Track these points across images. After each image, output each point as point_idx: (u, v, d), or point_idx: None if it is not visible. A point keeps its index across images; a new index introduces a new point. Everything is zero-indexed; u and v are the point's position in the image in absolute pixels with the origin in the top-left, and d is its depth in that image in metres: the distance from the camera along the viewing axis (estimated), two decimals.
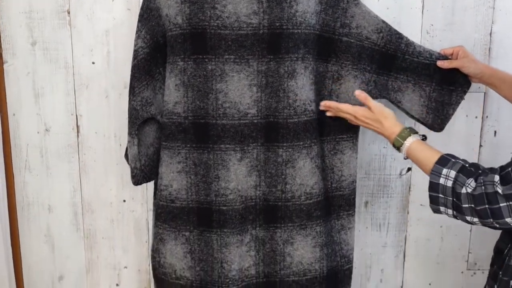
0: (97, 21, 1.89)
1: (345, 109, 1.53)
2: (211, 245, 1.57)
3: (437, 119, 1.64)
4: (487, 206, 1.18)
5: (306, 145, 1.56)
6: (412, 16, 1.88)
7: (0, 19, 1.88)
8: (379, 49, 1.59)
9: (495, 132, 1.97)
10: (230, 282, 1.57)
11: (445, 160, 1.30)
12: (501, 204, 1.16)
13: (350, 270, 1.69)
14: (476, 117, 1.95)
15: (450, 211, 1.27)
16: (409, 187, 2.03)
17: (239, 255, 1.58)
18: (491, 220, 1.19)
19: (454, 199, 1.24)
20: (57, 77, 1.94)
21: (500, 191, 1.15)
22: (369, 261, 2.09)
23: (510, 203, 1.16)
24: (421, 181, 2.01)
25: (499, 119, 1.95)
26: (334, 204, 1.66)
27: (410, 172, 2.01)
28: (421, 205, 2.03)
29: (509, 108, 1.87)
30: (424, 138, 1.42)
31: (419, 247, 2.08)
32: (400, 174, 2.02)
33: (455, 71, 1.60)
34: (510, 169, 1.16)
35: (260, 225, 1.60)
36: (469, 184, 1.21)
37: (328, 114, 1.57)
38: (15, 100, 1.96)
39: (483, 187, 1.18)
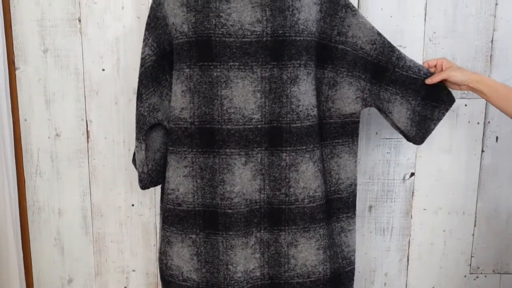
0: (107, 29, 1.92)
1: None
2: (217, 247, 1.57)
3: (419, 132, 1.63)
4: None
5: (308, 149, 1.56)
6: (415, 24, 1.90)
7: (13, 26, 1.91)
8: (371, 60, 1.59)
9: (497, 137, 1.98)
10: (235, 284, 1.58)
11: None
12: None
13: (352, 272, 1.69)
14: (478, 123, 1.96)
15: None
16: (412, 192, 2.03)
17: (244, 257, 1.58)
18: None
19: None
20: (68, 83, 1.96)
21: None
22: (373, 265, 2.10)
23: None
24: (424, 186, 2.03)
25: (500, 125, 1.96)
26: (334, 207, 1.66)
27: (413, 177, 2.02)
28: (424, 209, 2.04)
29: None
30: None
31: (423, 251, 2.09)
32: (404, 179, 2.03)
33: (441, 88, 1.59)
34: None
35: (265, 228, 1.60)
36: None
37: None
38: (26, 106, 1.98)
39: None
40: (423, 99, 1.61)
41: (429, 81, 1.58)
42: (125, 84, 1.96)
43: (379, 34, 1.60)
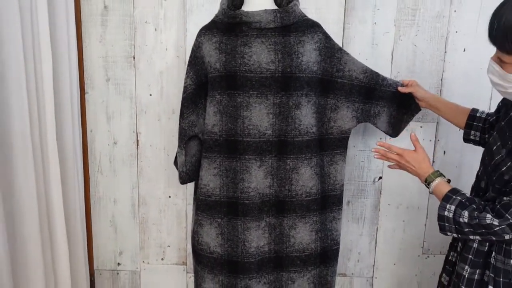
0: (154, 65, 1.93)
1: (395, 149, 1.43)
2: (236, 229, 1.59)
3: (394, 130, 1.68)
4: (484, 230, 1.20)
5: (307, 157, 1.57)
6: (384, 65, 1.91)
7: (84, 61, 1.93)
8: (364, 85, 1.61)
9: (444, 152, 1.99)
10: (250, 256, 1.59)
11: (448, 198, 1.27)
12: (496, 229, 1.18)
13: (337, 250, 1.70)
14: (430, 140, 1.98)
15: (455, 234, 1.27)
16: (380, 191, 2.04)
17: (256, 237, 1.59)
18: (491, 236, 1.21)
19: (456, 226, 1.24)
20: (123, 104, 1.97)
21: (496, 223, 1.17)
22: (350, 246, 2.10)
23: (504, 227, 1.16)
24: (388, 187, 2.03)
25: (447, 142, 1.98)
26: (329, 202, 1.66)
27: (381, 180, 2.03)
28: (388, 204, 2.05)
29: (455, 134, 1.90)
30: (448, 180, 1.35)
31: (387, 236, 2.09)
32: (374, 181, 2.03)
33: (410, 99, 1.63)
34: (498, 206, 1.18)
35: (272, 215, 1.61)
36: (463, 215, 1.22)
37: (376, 157, 1.47)
38: (92, 121, 1.99)
39: (476, 220, 1.20)
40: (398, 106, 1.65)
41: (400, 89, 1.62)
42: (166, 106, 1.97)
43: (366, 66, 1.63)
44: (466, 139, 1.56)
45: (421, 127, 1.98)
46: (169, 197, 2.07)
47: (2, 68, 1.45)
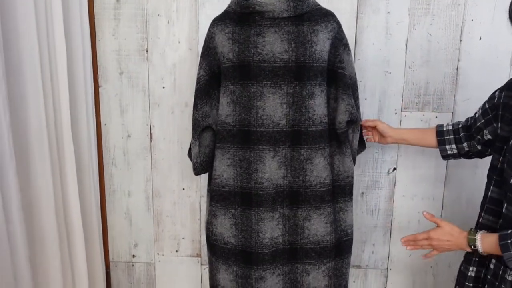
0: (167, 57, 1.94)
1: (421, 236, 1.39)
2: (250, 219, 1.58)
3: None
4: None
5: (321, 147, 1.57)
6: (398, 55, 1.90)
7: (97, 55, 1.94)
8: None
9: None
10: (264, 247, 1.59)
11: (505, 247, 1.17)
12: None
13: (349, 241, 1.68)
14: None
15: None
16: (395, 183, 2.03)
17: (270, 227, 1.59)
18: None
19: None
20: (137, 97, 1.98)
21: None
22: (364, 238, 2.10)
23: None
24: (403, 178, 2.02)
25: None
26: (334, 192, 1.64)
27: (395, 171, 2.01)
28: (403, 196, 2.04)
29: None
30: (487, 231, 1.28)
31: (402, 227, 2.07)
32: (388, 172, 2.02)
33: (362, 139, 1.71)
34: None
35: (286, 206, 1.60)
36: None
37: (409, 249, 1.43)
38: (106, 114, 2.01)
39: None
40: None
41: (363, 121, 1.67)
42: (179, 98, 1.98)
43: (355, 74, 1.62)
44: (445, 156, 1.56)
45: (436, 117, 1.96)
46: (183, 189, 2.08)
47: (18, 63, 1.47)
